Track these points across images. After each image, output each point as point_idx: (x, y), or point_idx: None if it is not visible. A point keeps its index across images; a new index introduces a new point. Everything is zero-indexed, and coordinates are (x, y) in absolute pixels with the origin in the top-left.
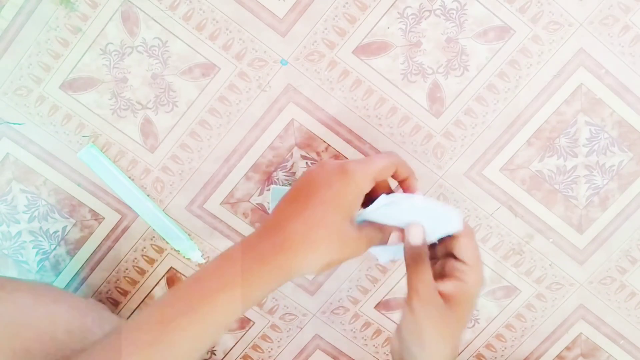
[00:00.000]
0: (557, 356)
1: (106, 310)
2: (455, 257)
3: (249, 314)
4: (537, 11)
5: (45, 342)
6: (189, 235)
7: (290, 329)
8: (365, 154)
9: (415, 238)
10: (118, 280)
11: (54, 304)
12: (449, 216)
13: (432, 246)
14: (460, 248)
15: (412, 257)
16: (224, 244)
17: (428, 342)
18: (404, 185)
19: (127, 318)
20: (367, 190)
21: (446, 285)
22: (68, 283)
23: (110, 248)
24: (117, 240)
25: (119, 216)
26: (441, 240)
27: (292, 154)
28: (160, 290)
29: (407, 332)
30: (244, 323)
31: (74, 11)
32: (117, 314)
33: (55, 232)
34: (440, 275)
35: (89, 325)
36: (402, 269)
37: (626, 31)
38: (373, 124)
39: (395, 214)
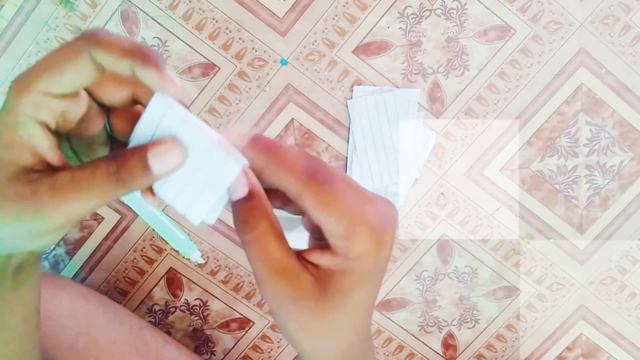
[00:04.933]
0: (557, 356)
1: (110, 300)
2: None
3: (249, 315)
4: (537, 11)
5: (51, 325)
6: (188, 235)
7: None
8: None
9: (235, 188)
10: (117, 280)
11: (58, 290)
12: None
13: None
14: (312, 213)
15: (241, 220)
16: (224, 244)
17: (300, 346)
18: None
19: None
20: (40, 115)
21: (315, 257)
22: None
23: (109, 248)
24: (116, 240)
25: (119, 216)
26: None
27: None
28: (160, 290)
29: (281, 329)
30: (244, 324)
31: (74, 11)
32: None
33: None
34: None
35: (93, 310)
36: (403, 269)
37: (627, 31)
38: None
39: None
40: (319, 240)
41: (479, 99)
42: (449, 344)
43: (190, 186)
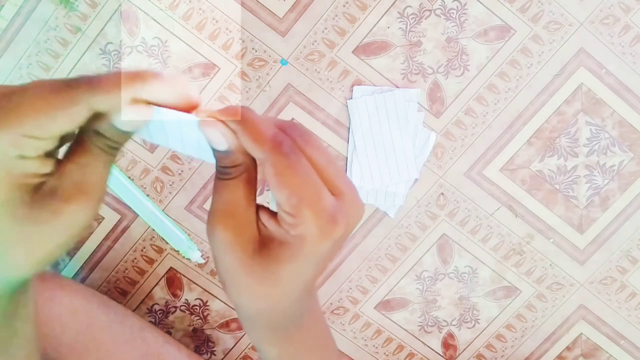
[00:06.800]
0: (557, 356)
1: (111, 300)
2: None
3: None
4: (537, 11)
5: (51, 325)
6: (188, 235)
7: None
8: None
9: (215, 141)
10: (118, 280)
11: (59, 289)
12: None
13: None
14: (268, 181)
15: (220, 165)
16: None
17: (228, 288)
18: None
19: None
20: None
21: (264, 217)
22: None
23: (109, 248)
24: (116, 240)
25: (119, 216)
26: None
27: None
28: (160, 290)
29: (214, 260)
30: None
31: (74, 11)
32: None
33: None
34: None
35: (93, 309)
36: (403, 269)
37: (627, 31)
38: None
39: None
40: None
41: (478, 99)
42: (448, 344)
43: (191, 141)
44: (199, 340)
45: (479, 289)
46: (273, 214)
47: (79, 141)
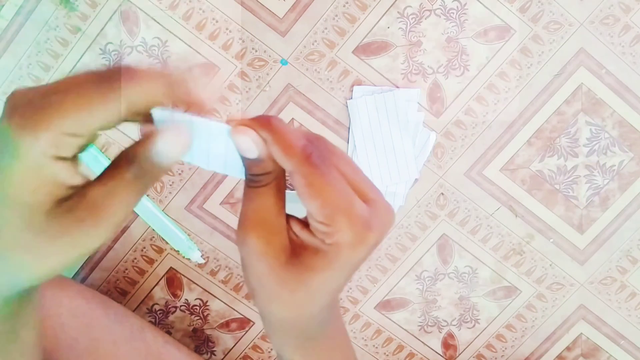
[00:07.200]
0: (557, 356)
1: (111, 300)
2: None
3: (249, 314)
4: (537, 11)
5: (51, 325)
6: (188, 235)
7: None
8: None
9: (246, 149)
10: (118, 280)
11: (59, 289)
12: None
13: None
14: (299, 192)
15: (251, 173)
16: (224, 244)
17: (258, 296)
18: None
19: None
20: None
21: (296, 227)
22: None
23: (109, 248)
24: (116, 240)
25: None
26: None
27: None
28: (160, 290)
29: (243, 268)
30: (244, 323)
31: (74, 11)
32: None
33: None
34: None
35: (93, 310)
36: (403, 269)
37: (627, 31)
38: None
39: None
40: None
41: (478, 99)
42: (448, 344)
43: (218, 155)
44: (199, 340)
45: (479, 289)
46: (304, 223)
47: (115, 165)
